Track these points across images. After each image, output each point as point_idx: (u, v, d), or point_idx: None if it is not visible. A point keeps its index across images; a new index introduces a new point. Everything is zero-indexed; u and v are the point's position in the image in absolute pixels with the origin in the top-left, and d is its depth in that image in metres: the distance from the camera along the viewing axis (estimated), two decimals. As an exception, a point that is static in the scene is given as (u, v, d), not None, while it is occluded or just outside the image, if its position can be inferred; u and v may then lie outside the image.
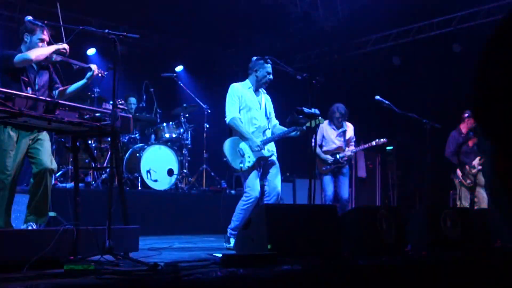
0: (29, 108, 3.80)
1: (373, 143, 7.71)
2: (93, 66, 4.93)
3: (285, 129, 6.02)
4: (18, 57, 4.52)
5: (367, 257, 4.65)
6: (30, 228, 4.63)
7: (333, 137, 7.82)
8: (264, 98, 6.15)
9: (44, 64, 4.84)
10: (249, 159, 5.80)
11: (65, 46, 4.70)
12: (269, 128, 6.10)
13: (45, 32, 4.81)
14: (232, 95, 5.97)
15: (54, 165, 4.86)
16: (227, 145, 5.88)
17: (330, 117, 7.81)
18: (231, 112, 5.91)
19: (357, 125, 8.11)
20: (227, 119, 5.93)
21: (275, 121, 6.21)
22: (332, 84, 10.70)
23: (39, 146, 4.74)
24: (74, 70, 4.93)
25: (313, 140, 6.00)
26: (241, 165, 5.77)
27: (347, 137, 7.83)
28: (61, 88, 4.98)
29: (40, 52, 4.64)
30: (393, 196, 11.35)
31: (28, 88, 4.57)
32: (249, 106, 5.97)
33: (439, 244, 5.44)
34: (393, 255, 4.92)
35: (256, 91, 6.07)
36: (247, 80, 6.11)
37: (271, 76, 6.03)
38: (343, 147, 7.76)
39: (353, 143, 7.90)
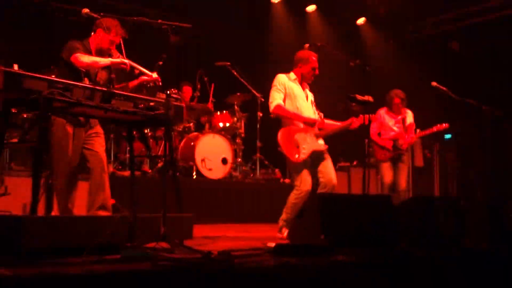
0: (86, 98, 3.88)
1: (434, 128, 7.49)
2: (154, 75, 4.95)
3: (337, 122, 5.94)
4: (76, 56, 4.60)
5: (424, 248, 4.55)
6: None
7: (392, 123, 7.67)
8: (309, 93, 6.04)
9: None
10: (304, 150, 5.71)
11: (125, 61, 4.73)
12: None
13: (119, 35, 4.86)
14: (277, 83, 5.83)
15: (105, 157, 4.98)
16: (281, 135, 5.76)
17: (388, 103, 7.66)
18: (275, 99, 5.76)
19: (416, 113, 7.91)
20: (271, 107, 5.77)
21: (320, 113, 6.10)
22: (386, 70, 10.52)
23: (93, 141, 4.87)
24: (134, 73, 4.97)
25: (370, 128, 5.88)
26: (297, 155, 5.70)
27: (406, 123, 7.65)
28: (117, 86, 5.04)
29: (97, 63, 4.68)
30: (452, 186, 11.07)
31: (86, 80, 4.66)
32: (295, 95, 5.85)
33: (500, 237, 5.26)
34: (451, 247, 4.80)
35: (301, 84, 5.98)
36: (291, 73, 5.98)
37: (316, 71, 5.91)
38: (403, 134, 7.60)
39: (411, 130, 7.69)
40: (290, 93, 5.84)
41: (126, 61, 4.74)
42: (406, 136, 7.56)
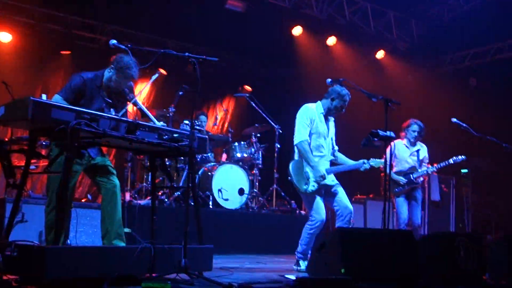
0: (112, 129, 3.94)
1: (451, 161, 7.41)
2: (161, 124, 4.84)
3: (351, 162, 6.01)
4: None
5: (444, 284, 4.51)
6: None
7: (406, 156, 7.54)
8: (331, 125, 6.12)
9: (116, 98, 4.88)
10: (313, 183, 5.77)
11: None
12: (333, 157, 6.08)
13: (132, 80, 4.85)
14: (304, 116, 5.90)
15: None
16: (293, 165, 5.89)
17: (405, 133, 7.56)
18: (302, 134, 5.85)
19: (430, 148, 7.88)
20: (296, 141, 5.88)
21: (335, 147, 6.17)
22: (406, 105, 10.55)
23: (104, 169, 4.82)
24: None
25: (384, 160, 5.90)
26: (305, 186, 5.75)
27: (420, 157, 7.57)
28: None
29: None
30: (468, 221, 10.97)
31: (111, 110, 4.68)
32: (319, 133, 5.92)
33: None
34: (471, 283, 4.76)
35: (326, 116, 6.03)
36: (319, 103, 6.02)
37: (343, 110, 5.98)
38: (417, 167, 7.50)
39: (426, 164, 7.61)
40: (314, 130, 5.92)
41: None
42: (420, 170, 7.47)
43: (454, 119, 6.88)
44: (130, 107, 4.84)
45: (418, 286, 4.44)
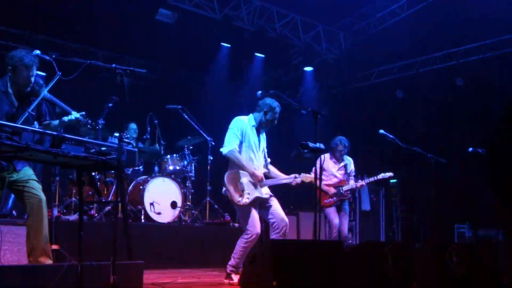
0: (36, 142, 3.79)
1: (379, 177, 7.71)
2: (74, 115, 4.84)
3: (283, 175, 6.07)
4: None
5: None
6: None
7: (334, 170, 7.88)
8: (262, 138, 6.15)
9: (28, 98, 4.74)
10: (248, 195, 5.78)
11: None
12: (266, 169, 6.11)
13: (30, 69, 4.70)
14: (235, 127, 5.92)
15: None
16: (228, 177, 5.86)
17: (332, 149, 7.83)
18: (231, 143, 5.85)
19: (360, 158, 8.11)
20: (225, 150, 5.86)
21: (268, 159, 6.21)
22: (336, 117, 10.77)
23: (28, 183, 4.65)
24: (57, 110, 4.88)
25: (312, 172, 6.00)
26: (240, 198, 5.75)
27: (348, 170, 7.91)
28: (45, 123, 4.89)
29: None
30: (397, 229, 11.27)
31: (4, 119, 4.45)
32: (250, 145, 5.95)
33: (445, 281, 5.36)
34: (400, 291, 4.86)
35: (258, 129, 6.06)
36: (251, 116, 6.06)
37: (275, 123, 6.04)
38: (346, 180, 7.84)
39: (352, 177, 7.97)
40: (246, 142, 5.93)
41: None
42: (349, 183, 7.81)
43: (381, 131, 7.08)
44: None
45: (349, 296, 4.49)
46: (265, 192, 5.92)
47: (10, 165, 4.52)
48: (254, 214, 5.78)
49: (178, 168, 8.83)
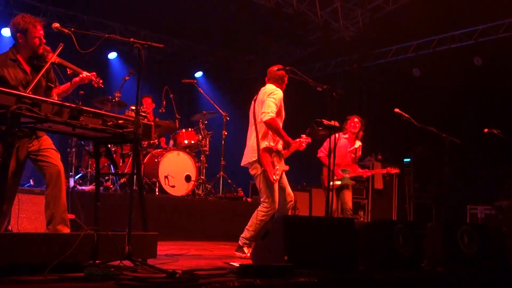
0: (54, 114, 3.86)
1: (384, 170, 7.70)
2: (85, 74, 4.83)
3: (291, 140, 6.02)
4: None
5: (382, 270, 4.65)
6: None
7: (345, 151, 7.84)
8: None
9: (38, 64, 4.72)
10: (278, 171, 5.82)
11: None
12: None
13: (38, 27, 4.68)
14: (276, 96, 5.80)
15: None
16: (263, 155, 5.79)
17: (347, 129, 7.80)
18: (272, 111, 5.71)
19: (375, 137, 8.09)
20: (267, 117, 5.67)
21: None
22: (350, 95, 10.74)
23: (47, 152, 4.69)
24: (68, 73, 4.87)
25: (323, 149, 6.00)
26: (274, 176, 5.78)
27: (357, 153, 7.89)
28: (54, 89, 4.90)
29: None
30: (409, 208, 11.30)
31: (20, 87, 4.51)
32: (282, 115, 5.95)
33: (455, 260, 5.41)
34: (409, 269, 4.91)
35: None
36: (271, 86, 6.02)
37: None
38: (353, 164, 7.85)
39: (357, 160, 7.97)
40: (281, 112, 5.91)
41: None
42: (356, 168, 7.84)
43: (396, 109, 7.04)
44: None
45: (357, 273, 4.56)
46: (285, 164, 5.97)
47: (32, 133, 4.57)
48: (277, 189, 5.83)
49: (193, 142, 8.90)
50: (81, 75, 4.82)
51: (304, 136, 5.99)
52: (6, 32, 10.32)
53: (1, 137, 3.77)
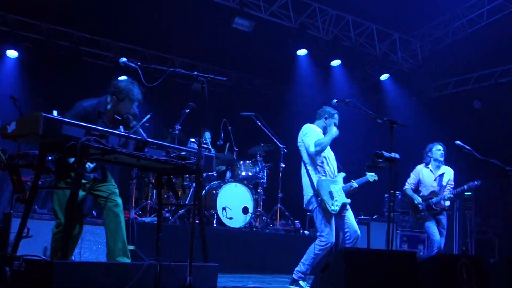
0: (121, 146, 3.98)
1: (465, 187, 7.31)
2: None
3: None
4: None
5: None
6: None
7: (431, 180, 7.53)
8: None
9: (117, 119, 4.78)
10: (337, 202, 5.79)
11: None
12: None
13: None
14: (311, 131, 5.96)
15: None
16: (321, 185, 5.81)
17: (431, 157, 7.54)
18: (313, 141, 5.86)
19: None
20: (312, 148, 5.83)
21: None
22: (411, 127, 10.60)
23: (104, 186, 4.81)
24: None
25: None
26: (332, 207, 5.75)
27: (444, 181, 7.49)
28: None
29: None
30: (471, 243, 10.95)
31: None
32: (324, 149, 5.97)
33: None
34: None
35: None
36: (315, 125, 6.12)
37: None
38: (437, 191, 7.42)
39: (450, 189, 7.47)
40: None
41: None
42: (440, 194, 7.37)
43: (458, 142, 6.90)
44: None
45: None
46: (347, 198, 5.93)
47: (91, 176, 4.70)
48: (333, 223, 5.79)
49: (250, 174, 8.95)
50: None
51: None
52: (12, 53, 10.59)
53: (72, 169, 3.91)
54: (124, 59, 4.60)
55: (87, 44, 11.14)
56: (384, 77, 12.43)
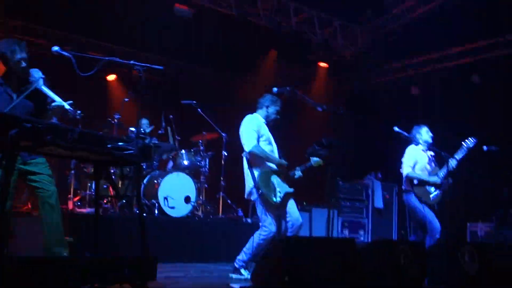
0: (55, 137, 3.84)
1: (464, 147, 7.00)
2: (66, 105, 4.79)
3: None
4: None
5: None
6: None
7: (425, 162, 7.24)
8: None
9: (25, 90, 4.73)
10: (279, 194, 5.80)
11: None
12: None
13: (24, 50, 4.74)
14: (250, 124, 5.93)
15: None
16: (261, 177, 5.79)
17: (419, 139, 7.25)
18: (251, 140, 5.83)
19: (376, 155, 8.01)
20: (248, 147, 5.80)
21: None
22: (352, 114, 10.74)
23: (40, 175, 4.75)
24: (47, 101, 4.86)
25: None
26: (274, 198, 5.75)
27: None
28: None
29: None
30: (409, 227, 11.23)
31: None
32: (268, 139, 5.97)
33: (457, 279, 5.37)
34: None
35: (267, 125, 6.09)
36: (257, 114, 6.11)
37: (279, 116, 6.06)
38: (437, 170, 7.16)
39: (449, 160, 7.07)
40: (264, 137, 5.93)
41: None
42: (444, 170, 7.07)
43: (396, 128, 7.00)
44: None
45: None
46: (290, 187, 5.94)
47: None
48: (277, 214, 5.80)
49: (192, 163, 8.88)
50: (59, 105, 4.77)
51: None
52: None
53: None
54: (56, 48, 4.45)
55: (21, 33, 10.70)
56: (323, 64, 12.59)
